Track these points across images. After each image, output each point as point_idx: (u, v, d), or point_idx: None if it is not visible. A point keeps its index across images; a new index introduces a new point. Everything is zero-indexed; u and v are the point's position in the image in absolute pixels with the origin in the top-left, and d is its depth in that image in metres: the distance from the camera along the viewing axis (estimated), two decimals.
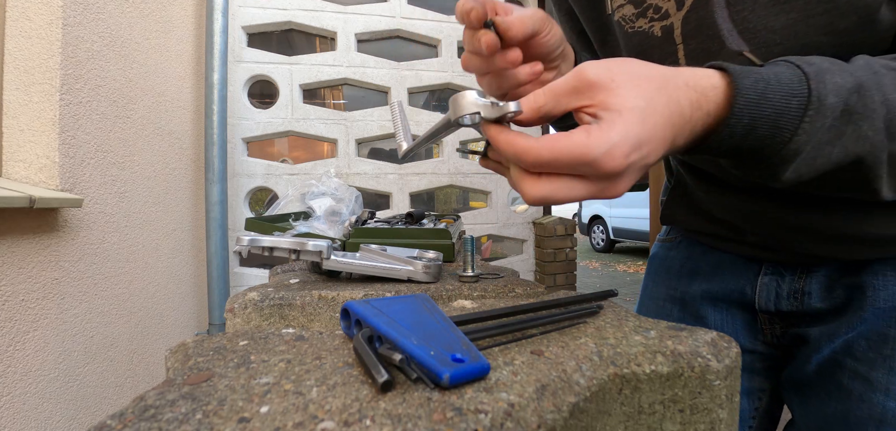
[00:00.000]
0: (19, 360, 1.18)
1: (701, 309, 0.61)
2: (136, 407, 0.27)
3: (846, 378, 0.49)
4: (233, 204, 2.26)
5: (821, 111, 0.31)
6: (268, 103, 2.39)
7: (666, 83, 0.31)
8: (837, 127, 0.32)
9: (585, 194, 0.31)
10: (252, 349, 0.37)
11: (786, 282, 0.54)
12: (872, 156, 0.33)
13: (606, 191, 0.31)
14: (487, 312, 0.41)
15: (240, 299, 0.57)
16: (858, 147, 0.32)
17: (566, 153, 0.29)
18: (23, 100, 1.29)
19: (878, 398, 0.46)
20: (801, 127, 0.31)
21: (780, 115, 0.31)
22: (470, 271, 0.67)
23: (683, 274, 0.64)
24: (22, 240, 1.19)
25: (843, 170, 0.34)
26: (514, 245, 2.83)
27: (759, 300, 0.56)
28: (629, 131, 0.29)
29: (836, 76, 0.32)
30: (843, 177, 0.35)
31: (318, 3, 2.40)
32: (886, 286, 0.47)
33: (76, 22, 1.37)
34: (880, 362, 0.46)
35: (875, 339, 0.47)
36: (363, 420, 0.26)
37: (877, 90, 0.32)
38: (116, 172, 1.57)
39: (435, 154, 2.67)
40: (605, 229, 7.85)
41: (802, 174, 0.34)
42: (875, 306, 0.47)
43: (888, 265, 0.47)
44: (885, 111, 0.32)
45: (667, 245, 0.69)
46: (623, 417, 0.34)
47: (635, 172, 0.31)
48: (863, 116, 0.32)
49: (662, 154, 0.32)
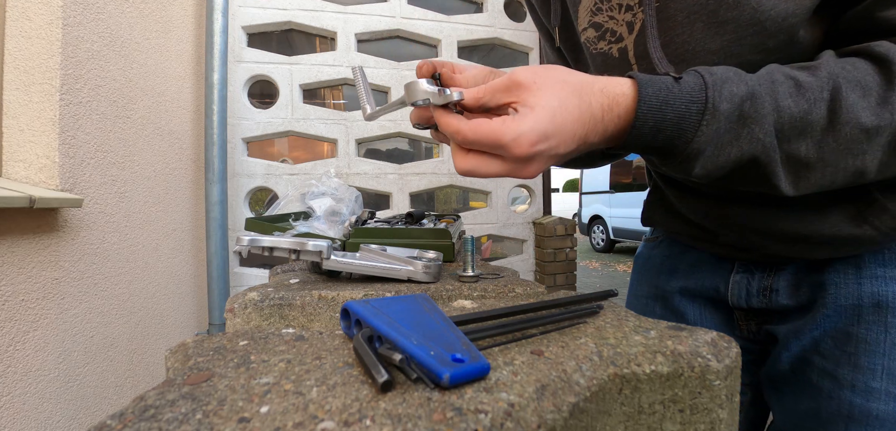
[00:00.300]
0: (19, 360, 1.18)
1: (680, 305, 0.65)
2: (136, 407, 0.27)
3: (816, 376, 0.51)
4: (233, 204, 2.26)
5: (716, 116, 0.36)
6: (268, 103, 2.39)
7: (581, 88, 0.37)
8: (734, 130, 0.37)
9: (501, 171, 0.37)
10: (252, 349, 0.37)
11: (755, 280, 0.57)
12: (766, 155, 0.37)
13: (518, 172, 0.37)
14: (487, 312, 0.41)
15: (240, 299, 0.57)
16: (752, 148, 0.37)
17: (485, 135, 0.36)
18: (23, 100, 1.29)
19: (846, 394, 0.48)
20: (700, 129, 0.37)
21: (681, 119, 0.37)
22: (470, 271, 0.67)
23: (663, 272, 0.68)
24: (22, 240, 1.19)
25: (744, 168, 0.38)
26: (514, 245, 2.83)
27: (732, 297, 0.59)
28: (537, 125, 0.35)
29: (732, 85, 0.37)
30: (747, 174, 0.39)
31: (318, 3, 2.40)
32: (847, 283, 0.49)
33: (76, 22, 1.37)
34: (845, 359, 0.49)
35: (840, 337, 0.49)
36: (363, 420, 0.26)
37: (769, 97, 0.37)
38: (116, 172, 1.57)
39: (435, 154, 2.67)
40: (605, 229, 7.84)
41: (710, 171, 0.39)
42: (837, 303, 0.50)
43: (849, 264, 0.49)
44: (775, 117, 0.37)
45: (650, 245, 0.74)
46: (623, 417, 0.34)
47: (544, 159, 0.37)
48: (755, 120, 0.36)
49: (573, 148, 0.38)
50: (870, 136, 0.36)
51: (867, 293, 0.48)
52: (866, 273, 0.48)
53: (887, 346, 0.47)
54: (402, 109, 0.49)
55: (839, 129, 0.36)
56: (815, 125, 0.37)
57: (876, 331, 0.47)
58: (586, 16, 0.55)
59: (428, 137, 2.58)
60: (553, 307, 0.45)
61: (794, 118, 0.37)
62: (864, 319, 0.48)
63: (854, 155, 0.37)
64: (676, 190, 0.60)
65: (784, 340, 0.55)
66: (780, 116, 0.37)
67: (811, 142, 0.37)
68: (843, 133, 0.36)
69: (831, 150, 0.37)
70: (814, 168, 0.38)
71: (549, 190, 2.79)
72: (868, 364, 0.47)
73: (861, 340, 0.48)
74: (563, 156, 0.38)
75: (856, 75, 0.37)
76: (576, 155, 0.40)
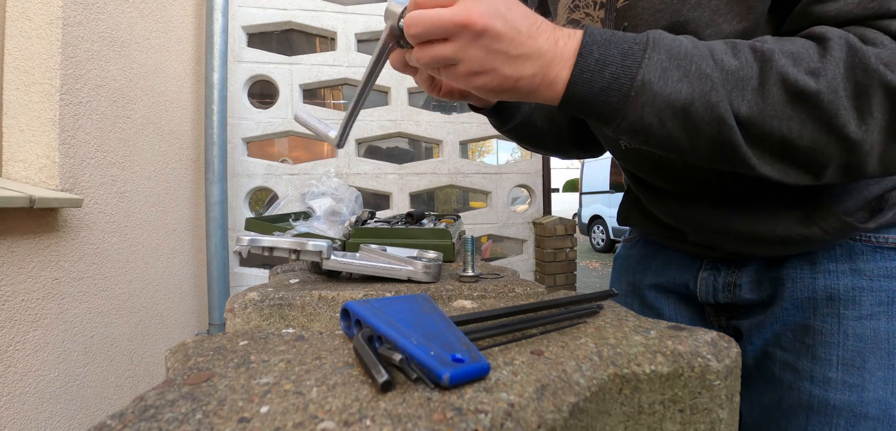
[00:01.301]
0: (19, 360, 1.18)
1: (656, 302, 0.67)
2: (136, 407, 0.27)
3: (777, 368, 0.53)
4: (233, 204, 2.26)
5: (658, 49, 0.37)
6: (268, 103, 2.39)
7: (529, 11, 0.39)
8: (680, 65, 0.37)
9: (448, 14, 0.37)
10: (252, 349, 0.37)
11: (721, 276, 0.59)
12: (716, 94, 0.37)
13: (467, 8, 0.37)
14: (487, 312, 0.41)
15: (240, 299, 0.57)
16: (702, 86, 0.37)
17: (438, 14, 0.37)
18: (23, 100, 1.29)
19: (805, 385, 0.50)
20: (645, 60, 0.37)
21: (625, 54, 0.37)
22: (470, 271, 0.67)
23: (638, 270, 0.71)
24: (22, 240, 1.19)
25: (697, 116, 0.37)
26: (514, 245, 2.83)
27: (701, 293, 0.61)
28: None
29: (671, 37, 0.38)
30: (700, 126, 0.38)
31: (318, 3, 2.40)
32: (803, 278, 0.52)
33: (76, 22, 1.37)
34: (804, 351, 0.51)
35: (798, 330, 0.51)
36: (363, 420, 0.26)
37: (706, 49, 0.38)
38: (116, 172, 1.57)
39: (435, 154, 2.67)
40: (605, 229, 7.84)
41: (661, 112, 0.37)
42: (794, 297, 0.52)
43: (804, 260, 0.52)
44: (713, 64, 0.37)
45: (627, 245, 0.77)
46: (623, 417, 0.34)
47: (495, 11, 0.37)
48: (698, 58, 0.37)
49: (523, 49, 0.38)
50: (795, 101, 0.36)
51: (821, 286, 0.50)
52: (820, 268, 0.51)
53: (841, 337, 0.49)
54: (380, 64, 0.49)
55: (768, 89, 0.36)
56: (748, 83, 0.37)
57: (830, 323, 0.49)
58: (564, 12, 0.57)
59: (428, 137, 2.58)
60: (553, 307, 0.45)
61: (729, 71, 0.37)
62: (819, 311, 0.50)
63: (780, 120, 0.37)
64: (647, 192, 0.62)
65: (748, 334, 0.57)
66: (719, 66, 0.37)
67: (745, 101, 0.37)
68: (770, 94, 0.36)
69: (760, 111, 0.37)
70: (750, 132, 0.38)
71: (549, 190, 2.79)
72: (824, 355, 0.49)
73: (817, 332, 0.50)
74: (511, 58, 0.38)
75: (790, 47, 0.37)
76: (526, 70, 0.39)
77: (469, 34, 0.37)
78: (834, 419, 0.48)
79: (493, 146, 13.98)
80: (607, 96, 0.38)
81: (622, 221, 0.73)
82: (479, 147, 13.09)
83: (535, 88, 0.40)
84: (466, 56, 0.38)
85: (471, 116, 2.58)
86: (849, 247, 0.50)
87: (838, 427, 0.48)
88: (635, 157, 0.58)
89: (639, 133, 0.39)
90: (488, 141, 4.35)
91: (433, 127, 2.53)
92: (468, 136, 2.58)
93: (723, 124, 0.37)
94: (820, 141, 0.37)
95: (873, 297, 0.48)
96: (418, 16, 0.38)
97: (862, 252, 0.49)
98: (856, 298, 0.49)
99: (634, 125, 0.39)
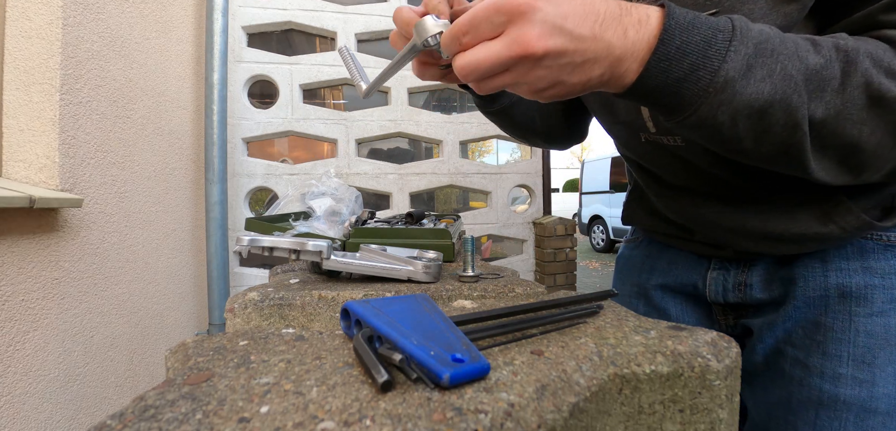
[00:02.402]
0: (19, 360, 1.18)
1: (662, 302, 0.67)
2: (136, 407, 0.27)
3: (788, 365, 0.53)
4: (233, 204, 2.26)
5: (745, 41, 0.34)
6: (268, 103, 2.39)
7: None
8: (765, 63, 0.34)
9: (502, 50, 0.33)
10: (252, 349, 0.37)
11: (731, 275, 0.59)
12: (798, 97, 0.34)
13: (521, 38, 0.32)
14: (487, 312, 0.41)
15: (240, 299, 0.57)
16: (785, 86, 0.34)
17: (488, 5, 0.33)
18: (23, 100, 1.29)
19: (815, 381, 0.50)
20: (730, 53, 0.33)
21: (708, 43, 0.33)
22: (470, 271, 0.67)
23: (644, 270, 0.70)
24: (22, 240, 1.19)
25: (772, 116, 0.35)
26: (514, 245, 2.83)
27: (710, 293, 0.61)
28: None
29: (754, 27, 0.35)
30: (772, 127, 0.36)
31: (318, 3, 2.40)
32: (814, 276, 0.52)
33: (76, 22, 1.37)
34: (815, 348, 0.51)
35: (809, 327, 0.52)
36: (363, 420, 0.26)
37: (791, 43, 0.35)
38: (116, 172, 1.57)
39: (435, 154, 2.67)
40: (605, 229, 7.84)
41: (736, 111, 0.35)
42: (806, 295, 0.52)
43: (815, 259, 0.52)
44: (798, 63, 0.34)
45: (631, 245, 0.76)
46: (623, 417, 0.34)
47: (550, 27, 0.32)
48: (783, 56, 0.34)
49: (588, 29, 0.33)
50: (873, 105, 0.35)
51: (833, 284, 0.51)
52: (831, 266, 0.51)
53: (852, 333, 0.49)
54: (403, 68, 0.46)
55: (849, 92, 0.35)
56: (829, 84, 0.35)
57: (842, 319, 0.50)
58: None
59: (428, 137, 2.58)
60: (553, 307, 0.45)
61: (812, 70, 0.35)
62: (831, 308, 0.50)
63: (853, 123, 0.36)
64: (657, 188, 0.61)
65: (759, 332, 0.57)
66: (804, 65, 0.34)
67: (823, 104, 0.35)
68: (850, 97, 0.35)
69: (836, 114, 0.35)
70: (820, 134, 0.36)
71: (549, 190, 2.79)
72: (835, 351, 0.50)
73: (829, 328, 0.50)
74: (577, 66, 0.34)
75: (868, 47, 0.36)
76: (593, 73, 0.34)
77: (529, 62, 0.33)
78: (844, 414, 0.49)
79: (493, 146, 13.96)
80: (681, 88, 0.35)
81: (627, 220, 0.73)
82: (479, 147, 13.09)
83: (604, 85, 0.37)
84: (528, 79, 0.35)
85: (471, 116, 2.58)
86: (860, 245, 0.50)
87: (848, 422, 0.48)
88: (652, 151, 0.55)
89: (703, 128, 0.37)
90: (488, 141, 4.37)
91: (433, 127, 2.53)
92: (468, 136, 2.58)
93: (797, 130, 0.35)
94: (886, 146, 0.37)
95: (884, 294, 0.48)
96: (470, 65, 0.34)
97: (873, 251, 0.49)
98: (867, 295, 0.49)
99: (705, 121, 0.36)
